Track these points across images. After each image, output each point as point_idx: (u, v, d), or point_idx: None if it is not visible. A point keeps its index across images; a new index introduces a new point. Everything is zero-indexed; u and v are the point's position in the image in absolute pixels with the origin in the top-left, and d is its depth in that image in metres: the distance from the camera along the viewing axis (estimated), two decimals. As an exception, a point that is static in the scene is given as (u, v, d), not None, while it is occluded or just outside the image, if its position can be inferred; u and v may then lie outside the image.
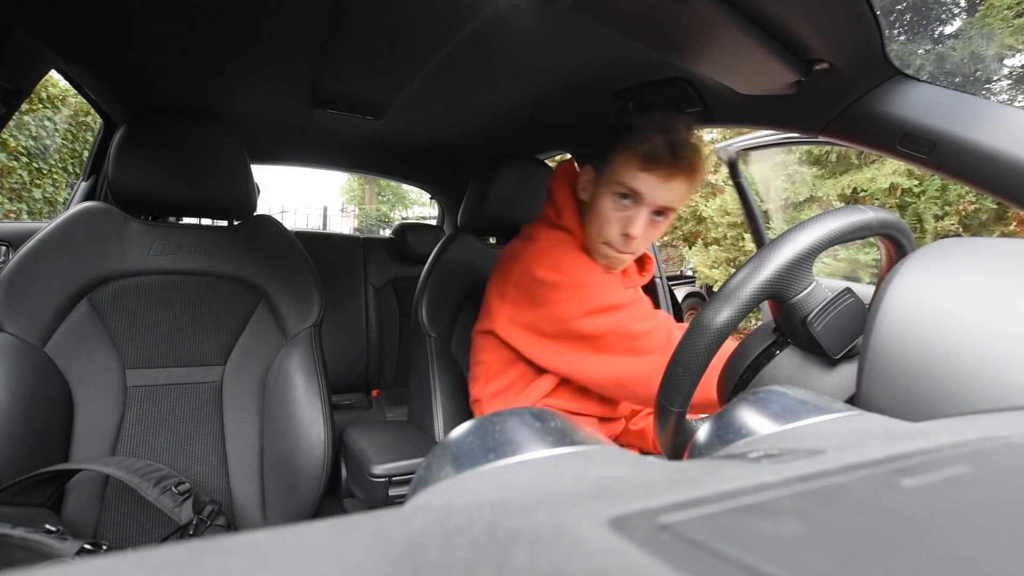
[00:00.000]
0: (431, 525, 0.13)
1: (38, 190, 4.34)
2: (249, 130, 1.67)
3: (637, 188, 0.84)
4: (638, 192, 0.84)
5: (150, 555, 0.11)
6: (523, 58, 1.13)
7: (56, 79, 4.01)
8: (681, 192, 0.85)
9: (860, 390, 0.40)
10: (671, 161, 0.81)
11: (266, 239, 1.13)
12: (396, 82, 1.29)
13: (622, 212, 0.85)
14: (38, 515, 0.82)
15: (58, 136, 4.45)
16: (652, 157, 0.81)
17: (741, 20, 0.75)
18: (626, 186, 0.84)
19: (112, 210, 1.03)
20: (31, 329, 0.90)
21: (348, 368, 2.04)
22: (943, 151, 0.79)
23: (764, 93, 0.98)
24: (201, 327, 1.06)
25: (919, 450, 0.21)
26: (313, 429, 1.03)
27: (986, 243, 0.41)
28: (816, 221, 0.56)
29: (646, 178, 0.83)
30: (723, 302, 0.54)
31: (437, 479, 0.21)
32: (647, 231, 0.87)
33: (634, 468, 0.20)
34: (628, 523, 0.14)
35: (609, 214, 0.86)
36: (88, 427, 0.94)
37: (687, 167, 0.83)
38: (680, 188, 0.84)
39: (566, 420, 0.25)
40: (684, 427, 0.61)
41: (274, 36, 1.07)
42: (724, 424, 0.29)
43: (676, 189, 0.84)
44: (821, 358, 0.60)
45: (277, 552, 0.11)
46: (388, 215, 14.37)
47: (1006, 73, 5.82)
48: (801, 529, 0.14)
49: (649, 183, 0.83)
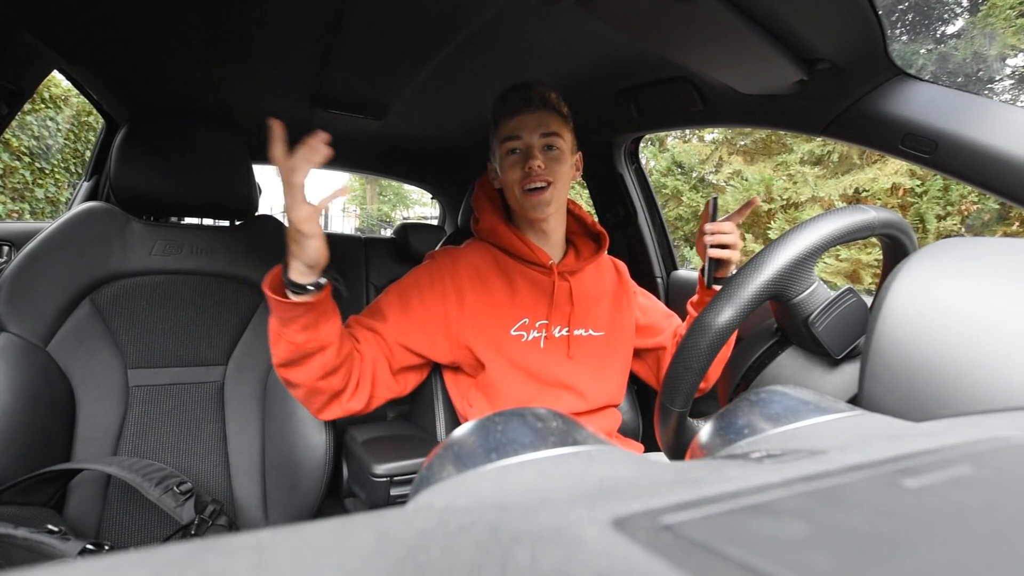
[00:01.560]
0: (433, 525, 0.13)
1: (40, 190, 4.35)
2: (251, 130, 1.67)
3: (511, 132, 0.93)
4: (514, 134, 0.93)
5: (152, 555, 0.11)
6: (524, 58, 1.13)
7: (58, 79, 4.02)
8: (549, 122, 0.94)
9: (862, 390, 0.40)
10: (521, 97, 0.93)
11: (267, 239, 1.13)
12: (397, 82, 1.29)
13: (516, 157, 0.94)
14: (40, 515, 0.82)
15: (60, 136, 4.46)
16: (508, 106, 0.94)
17: (743, 19, 0.75)
18: (505, 135, 0.94)
19: (114, 210, 1.03)
20: (33, 329, 0.90)
21: (349, 368, 2.04)
22: (945, 151, 0.79)
23: (766, 92, 0.98)
24: (203, 327, 1.06)
25: (921, 450, 0.21)
26: (314, 429, 1.03)
27: (988, 243, 0.41)
28: (818, 221, 0.55)
29: (516, 121, 0.93)
30: (724, 303, 0.54)
31: (439, 479, 0.21)
32: (550, 165, 0.93)
33: (636, 468, 0.20)
34: (631, 523, 0.14)
35: (509, 168, 0.94)
36: (90, 427, 0.94)
37: (538, 97, 0.93)
38: (546, 117, 0.94)
39: (568, 420, 0.25)
40: (686, 427, 0.61)
41: (276, 36, 1.07)
42: (726, 424, 0.29)
43: (543, 119, 0.93)
44: (823, 358, 0.60)
45: (279, 552, 0.11)
46: (389, 215, 14.39)
47: (1008, 73, 5.81)
48: (804, 529, 0.14)
49: (518, 122, 0.93)
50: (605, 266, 1.10)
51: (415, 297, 0.92)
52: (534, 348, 0.94)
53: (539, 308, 0.97)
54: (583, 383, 0.97)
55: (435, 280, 0.94)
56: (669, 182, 7.64)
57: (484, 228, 1.01)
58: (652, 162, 7.97)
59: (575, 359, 0.97)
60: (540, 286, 0.98)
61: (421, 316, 0.91)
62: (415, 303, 0.91)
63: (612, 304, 1.05)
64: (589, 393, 0.98)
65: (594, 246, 1.06)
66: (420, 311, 0.91)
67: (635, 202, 1.54)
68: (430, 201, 2.63)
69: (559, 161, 0.94)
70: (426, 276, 0.95)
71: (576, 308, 0.99)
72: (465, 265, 0.96)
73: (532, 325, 0.95)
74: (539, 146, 0.93)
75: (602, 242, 1.06)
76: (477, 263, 0.97)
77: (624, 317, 1.06)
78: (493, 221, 1.00)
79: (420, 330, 0.90)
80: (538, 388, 0.94)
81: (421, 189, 2.53)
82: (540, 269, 0.98)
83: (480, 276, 0.96)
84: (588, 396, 0.98)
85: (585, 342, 0.99)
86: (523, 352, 0.93)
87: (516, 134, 0.93)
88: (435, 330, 0.91)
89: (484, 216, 1.02)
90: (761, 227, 6.67)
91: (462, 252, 0.99)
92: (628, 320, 1.07)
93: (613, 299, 1.06)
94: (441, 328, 0.91)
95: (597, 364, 0.99)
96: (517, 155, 0.94)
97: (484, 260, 0.98)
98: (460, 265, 0.96)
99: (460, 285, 0.94)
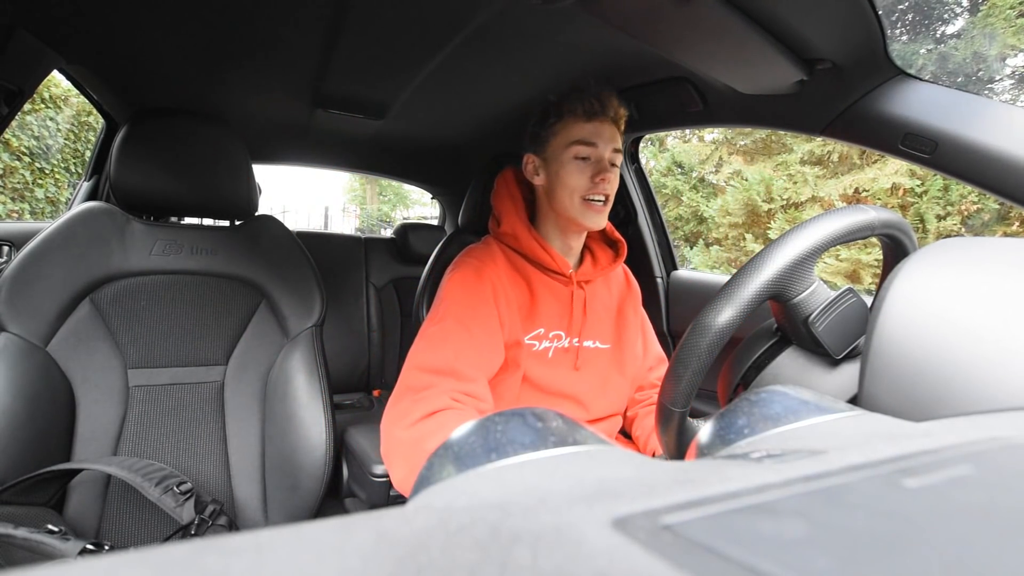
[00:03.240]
0: (433, 525, 0.13)
1: (40, 190, 4.35)
2: (251, 130, 1.68)
3: (587, 137, 0.90)
4: (589, 140, 0.90)
5: (152, 555, 0.11)
6: (524, 58, 1.13)
7: (58, 79, 4.02)
8: (617, 137, 0.93)
9: (862, 390, 0.40)
10: (601, 104, 0.91)
11: (268, 239, 1.13)
12: (397, 82, 1.29)
13: (586, 164, 0.91)
14: (40, 515, 0.83)
15: (60, 136, 4.46)
16: (587, 109, 0.91)
17: (743, 19, 0.75)
18: (577, 138, 0.90)
19: (114, 210, 1.03)
20: (33, 329, 0.90)
21: (349, 368, 2.04)
22: (945, 151, 0.79)
23: (766, 92, 0.98)
24: (203, 327, 1.06)
25: (921, 450, 0.21)
26: (314, 429, 1.03)
27: (988, 243, 0.41)
28: (818, 221, 0.55)
29: (593, 127, 0.91)
30: (724, 303, 0.54)
31: (439, 479, 0.21)
32: (612, 180, 0.92)
33: (636, 468, 0.20)
34: (631, 523, 0.14)
35: (576, 173, 0.91)
36: (90, 427, 0.94)
37: (614, 110, 0.92)
38: (616, 132, 0.93)
39: (568, 420, 0.25)
40: (686, 427, 0.61)
41: (276, 37, 1.07)
42: (726, 424, 0.29)
43: (615, 134, 0.93)
44: (823, 358, 0.60)
45: (279, 552, 0.11)
46: (389, 215, 14.39)
47: (1009, 73, 5.81)
48: (803, 529, 0.14)
49: (595, 129, 0.91)
50: (615, 274, 1.08)
51: (476, 325, 0.85)
52: (542, 359, 0.93)
53: (556, 318, 0.94)
54: (587, 395, 0.96)
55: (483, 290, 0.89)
56: (669, 182, 7.64)
57: (506, 232, 0.97)
58: (652, 162, 7.97)
59: (581, 371, 0.95)
60: (559, 295, 0.96)
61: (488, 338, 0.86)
62: (479, 331, 0.85)
63: (619, 316, 1.04)
64: (592, 404, 0.96)
65: (611, 254, 1.04)
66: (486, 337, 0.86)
67: (635, 202, 1.54)
68: (430, 201, 2.63)
69: (617, 176, 0.94)
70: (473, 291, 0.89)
71: (588, 319, 0.97)
72: (492, 267, 0.92)
73: (546, 335, 0.93)
74: (609, 160, 0.91)
75: (620, 250, 1.03)
76: (502, 266, 0.94)
77: (630, 331, 1.04)
78: (516, 226, 0.96)
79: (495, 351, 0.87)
80: (541, 398, 0.93)
81: (421, 189, 2.54)
82: (559, 278, 0.96)
83: (507, 280, 0.93)
84: (591, 408, 0.96)
85: (592, 354, 0.97)
86: (532, 361, 0.92)
87: (592, 141, 0.90)
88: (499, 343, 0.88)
89: (506, 219, 0.98)
90: (761, 227, 6.67)
91: (487, 253, 0.95)
92: (633, 334, 1.04)
93: (620, 311, 1.04)
94: (500, 337, 0.89)
95: (602, 377, 0.98)
96: (588, 163, 0.91)
97: (505, 264, 0.95)
98: (487, 267, 0.92)
99: (496, 289, 0.90)
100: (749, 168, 6.97)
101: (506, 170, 1.04)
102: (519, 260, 0.96)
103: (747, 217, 6.77)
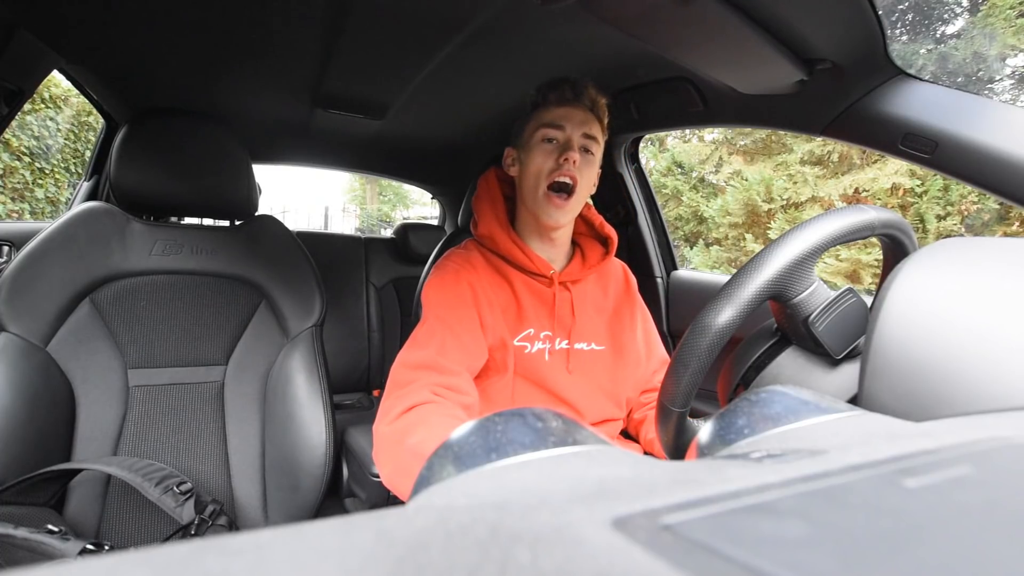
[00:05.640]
0: (433, 525, 0.13)
1: (40, 190, 4.34)
2: (251, 130, 1.68)
3: (554, 120, 0.89)
4: (556, 123, 0.89)
5: (152, 555, 0.11)
6: (524, 58, 1.13)
7: (58, 79, 4.02)
8: (592, 124, 0.91)
9: (862, 390, 0.40)
10: (573, 90, 0.90)
11: (268, 239, 1.13)
12: (397, 82, 1.29)
13: (551, 147, 0.90)
14: (40, 515, 0.83)
15: (60, 136, 4.46)
16: (558, 95, 0.91)
17: (743, 19, 0.75)
18: (545, 121, 0.90)
19: (114, 210, 1.03)
20: (33, 329, 0.90)
21: (349, 368, 2.05)
22: (945, 151, 0.79)
23: (766, 92, 0.98)
24: (203, 327, 1.06)
25: (922, 450, 0.21)
26: (314, 429, 1.03)
27: (988, 243, 0.41)
28: (818, 221, 0.55)
29: (562, 111, 0.90)
30: (724, 303, 0.54)
31: (439, 479, 0.21)
32: (581, 167, 0.89)
33: (636, 468, 0.20)
34: (631, 523, 0.14)
35: (541, 155, 0.90)
36: (90, 427, 0.94)
37: (589, 98, 0.91)
38: (590, 119, 0.91)
39: (568, 420, 0.25)
40: (686, 427, 0.61)
41: (275, 36, 1.07)
42: (726, 424, 0.29)
43: (588, 119, 0.90)
44: (823, 358, 0.60)
45: (279, 552, 0.11)
46: (389, 215, 14.38)
47: (1009, 73, 5.81)
48: (804, 529, 0.14)
49: (564, 113, 0.90)
50: (612, 274, 1.05)
51: (456, 323, 0.85)
52: (538, 361, 0.91)
53: (542, 319, 0.92)
54: (580, 399, 0.93)
55: (462, 291, 0.88)
56: (669, 182, 7.65)
57: (483, 234, 0.96)
58: (652, 162, 7.97)
59: (574, 374, 0.93)
60: (541, 297, 0.93)
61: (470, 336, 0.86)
62: (460, 329, 0.85)
63: (614, 317, 1.00)
64: (587, 409, 0.94)
65: (601, 250, 1.01)
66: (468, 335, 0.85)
67: (635, 202, 1.54)
68: (430, 201, 2.63)
69: (590, 165, 0.91)
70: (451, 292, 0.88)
71: (577, 320, 0.94)
72: (470, 271, 0.91)
73: (536, 336, 0.91)
74: (578, 144, 0.89)
75: (610, 246, 1.00)
76: (482, 268, 0.93)
77: (627, 332, 1.00)
78: (492, 227, 0.95)
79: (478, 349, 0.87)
80: (534, 402, 0.90)
81: (421, 189, 2.53)
82: (540, 279, 0.94)
83: (487, 283, 0.91)
84: (586, 412, 0.94)
85: (586, 357, 0.94)
86: (527, 364, 0.90)
87: (559, 124, 0.89)
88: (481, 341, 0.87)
89: (483, 220, 0.97)
90: (761, 227, 6.67)
91: (465, 257, 0.94)
92: (631, 335, 1.01)
93: (615, 312, 1.01)
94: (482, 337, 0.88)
95: (597, 380, 0.95)
96: (553, 145, 0.89)
97: (485, 266, 0.94)
98: (465, 270, 0.91)
99: (475, 291, 0.89)
100: (749, 168, 6.97)
101: (489, 171, 1.02)
102: (498, 262, 0.94)
103: (747, 217, 6.77)
